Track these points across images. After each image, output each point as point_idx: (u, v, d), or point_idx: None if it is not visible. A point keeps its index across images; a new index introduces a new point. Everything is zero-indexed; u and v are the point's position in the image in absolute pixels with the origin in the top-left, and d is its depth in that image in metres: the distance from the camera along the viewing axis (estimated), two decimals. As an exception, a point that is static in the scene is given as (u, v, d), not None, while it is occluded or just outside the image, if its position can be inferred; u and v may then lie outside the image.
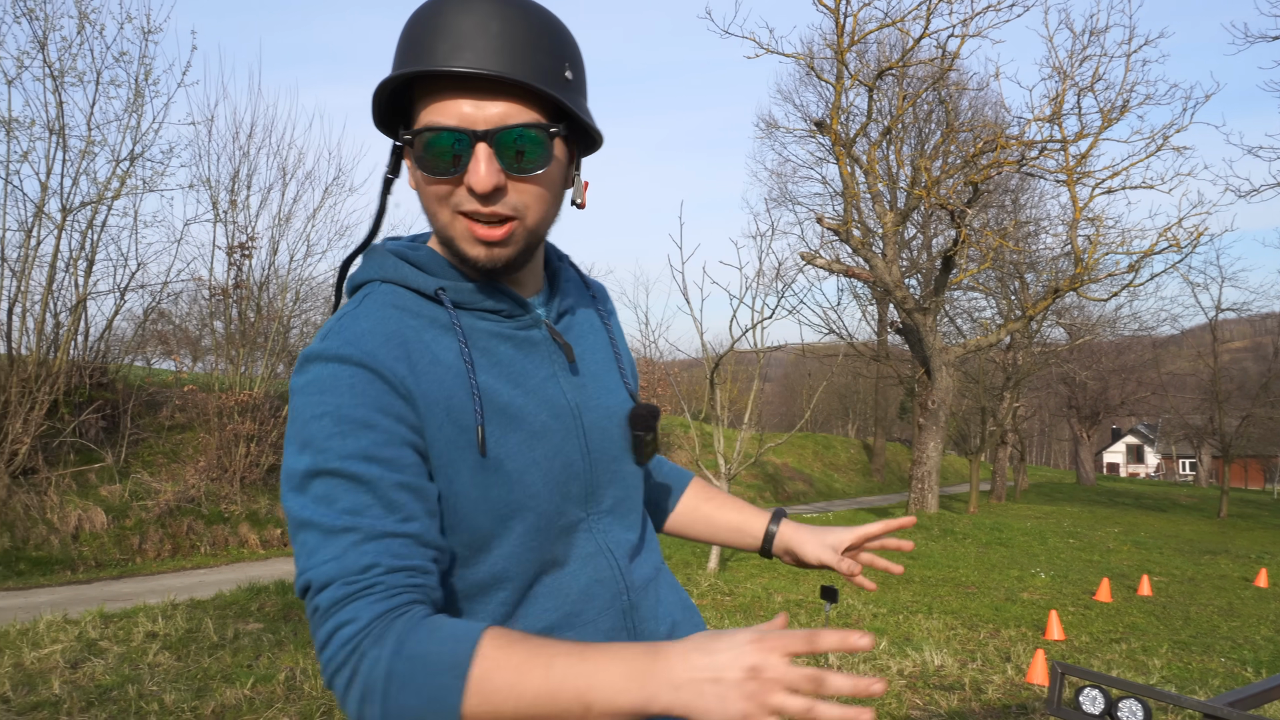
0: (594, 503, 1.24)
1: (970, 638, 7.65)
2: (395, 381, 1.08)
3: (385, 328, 1.12)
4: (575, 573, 1.21)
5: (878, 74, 18.30)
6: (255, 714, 4.86)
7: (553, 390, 1.21)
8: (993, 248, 18.89)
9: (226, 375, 14.92)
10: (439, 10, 1.09)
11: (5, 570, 10.32)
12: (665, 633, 1.30)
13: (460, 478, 1.11)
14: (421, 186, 1.14)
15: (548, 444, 1.18)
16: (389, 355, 1.10)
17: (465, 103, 1.08)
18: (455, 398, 1.12)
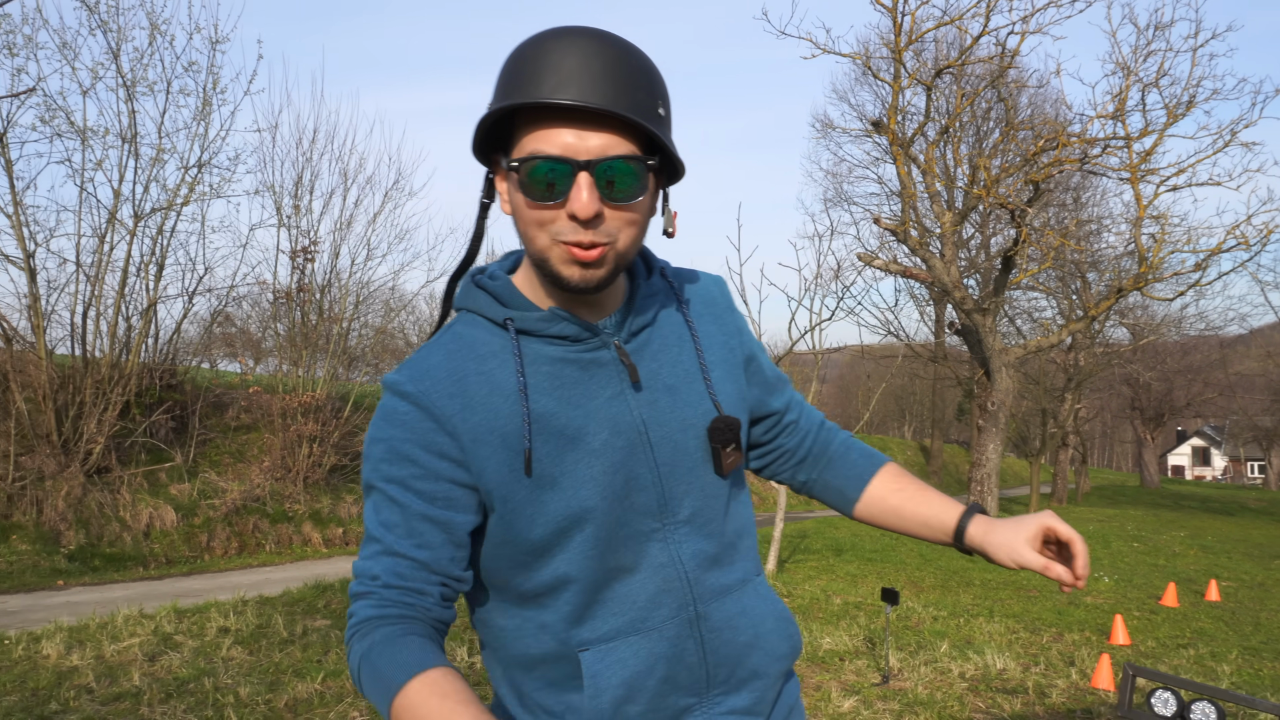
0: (669, 514, 1.30)
1: (1033, 642, 7.57)
2: (444, 419, 1.22)
3: (452, 362, 1.26)
4: (644, 581, 1.29)
5: (936, 73, 18.12)
6: (326, 708, 4.98)
7: (617, 409, 1.28)
8: (1054, 247, 18.60)
9: (290, 377, 15.22)
10: (544, 47, 1.16)
11: (82, 566, 10.64)
12: (744, 642, 1.35)
13: (516, 495, 1.23)
14: (520, 211, 1.20)
15: (607, 460, 1.25)
16: (445, 393, 1.23)
17: (568, 133, 1.15)
18: (511, 422, 1.23)
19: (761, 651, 1.37)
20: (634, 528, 1.28)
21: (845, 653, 6.61)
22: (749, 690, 1.37)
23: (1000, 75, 18.41)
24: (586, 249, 1.17)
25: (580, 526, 1.24)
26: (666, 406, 1.31)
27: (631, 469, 1.27)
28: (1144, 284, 17.56)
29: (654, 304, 1.36)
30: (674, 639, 1.29)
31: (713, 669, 1.32)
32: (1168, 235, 17.63)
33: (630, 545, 1.27)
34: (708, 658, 1.32)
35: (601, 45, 1.17)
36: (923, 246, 18.50)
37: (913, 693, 5.72)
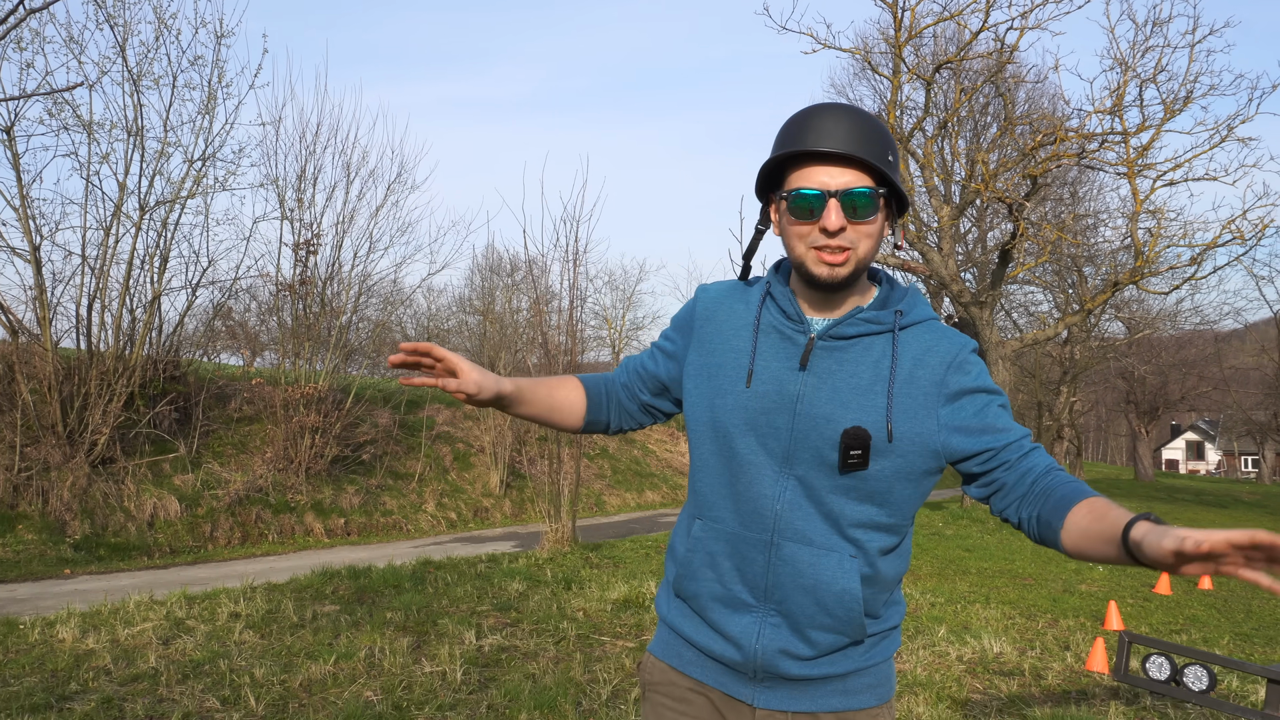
0: (787, 463, 1.71)
1: (1028, 627, 7.70)
2: (695, 319, 1.89)
3: (724, 292, 1.89)
4: (753, 498, 1.73)
5: (935, 68, 18.22)
6: (340, 688, 5.10)
7: (786, 375, 1.73)
8: (1050, 241, 18.72)
9: (293, 369, 15.31)
10: (807, 113, 1.69)
11: (88, 556, 10.74)
12: (804, 585, 1.69)
13: (700, 389, 1.82)
14: (787, 228, 1.71)
15: (760, 402, 1.73)
16: (706, 306, 1.88)
17: (823, 173, 1.65)
18: (726, 345, 1.82)
19: (814, 600, 1.69)
20: (760, 459, 1.72)
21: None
22: (801, 620, 1.70)
23: (999, 70, 18.50)
24: (833, 253, 1.65)
25: (721, 432, 1.75)
26: (824, 394, 1.70)
27: (774, 417, 1.71)
28: (1140, 278, 17.68)
29: (868, 328, 1.73)
30: (752, 545, 1.72)
31: (771, 587, 1.71)
32: (1164, 230, 17.75)
33: (752, 469, 1.72)
34: (770, 575, 1.71)
35: (850, 112, 1.67)
36: (920, 240, 18.61)
37: (912, 674, 5.84)
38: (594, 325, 36.19)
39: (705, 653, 1.79)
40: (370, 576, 8.49)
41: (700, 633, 1.79)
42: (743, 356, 1.77)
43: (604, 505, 18.58)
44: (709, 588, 1.76)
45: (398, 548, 12.12)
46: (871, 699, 1.77)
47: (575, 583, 8.60)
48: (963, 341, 1.75)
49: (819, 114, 1.66)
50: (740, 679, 1.75)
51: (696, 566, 1.77)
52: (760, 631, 1.71)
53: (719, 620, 1.75)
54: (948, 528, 15.90)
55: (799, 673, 1.71)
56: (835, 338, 1.73)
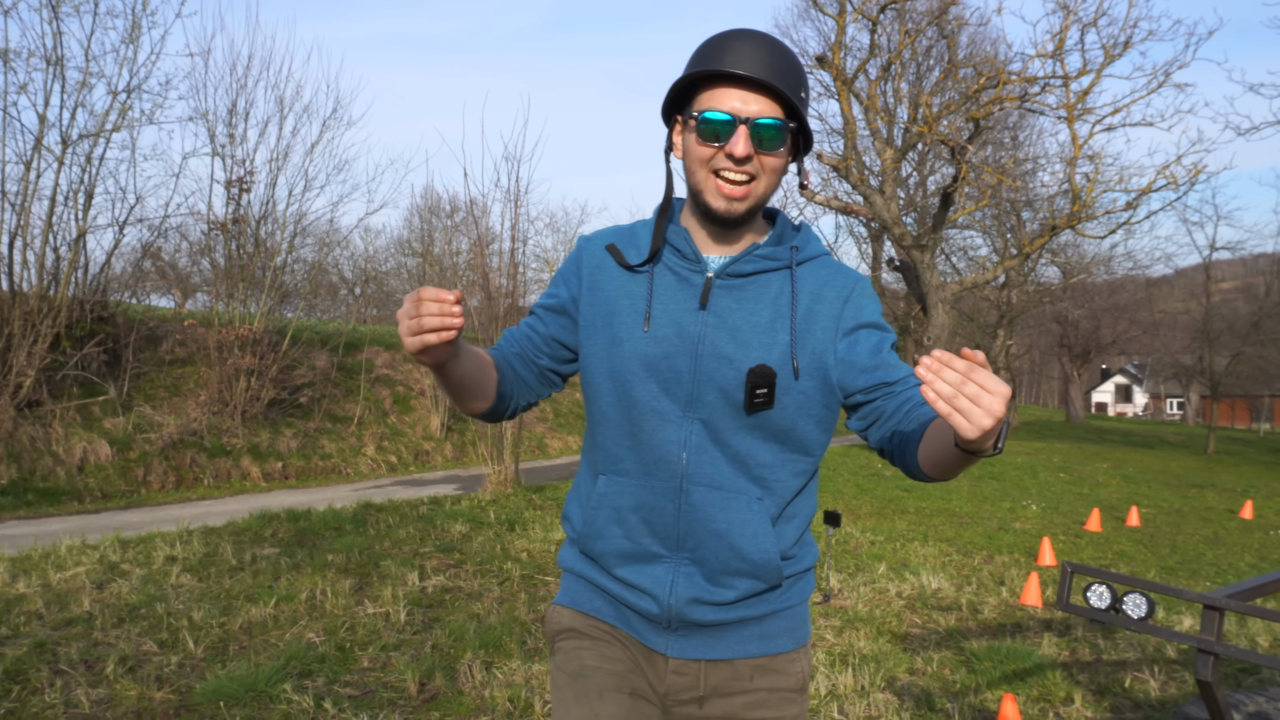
0: (690, 407, 1.65)
1: (965, 564, 7.86)
2: (583, 268, 1.78)
3: (612, 237, 1.80)
4: (657, 446, 1.67)
5: (880, 8, 18.13)
6: (281, 630, 5.03)
7: (685, 316, 1.67)
8: (991, 185, 18.89)
9: (226, 311, 14.96)
10: (727, 36, 1.63)
11: (15, 500, 10.46)
12: (716, 530, 1.65)
13: (597, 339, 1.72)
14: (691, 150, 1.64)
15: (661, 347, 1.66)
16: (593, 256, 1.78)
17: (735, 97, 1.59)
18: (619, 292, 1.73)
19: (727, 546, 1.64)
20: (664, 405, 1.65)
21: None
22: (715, 566, 1.66)
23: (943, 13, 18.48)
24: (734, 185, 1.61)
25: (621, 381, 1.68)
26: (724, 334, 1.65)
27: (675, 361, 1.65)
28: (1077, 222, 17.94)
29: (765, 265, 1.70)
30: (660, 495, 1.66)
31: (683, 535, 1.66)
32: (1101, 175, 17.99)
33: (655, 416, 1.66)
34: (680, 524, 1.66)
35: (768, 40, 1.62)
36: (863, 183, 18.66)
37: (853, 610, 5.93)
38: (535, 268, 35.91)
39: (620, 601, 1.73)
40: (310, 519, 8.38)
41: (613, 585, 1.73)
42: (638, 301, 1.71)
43: (546, 448, 18.56)
44: (617, 545, 1.70)
45: (337, 491, 11.99)
46: (789, 642, 1.74)
47: (519, 524, 8.58)
48: (857, 277, 1.74)
49: (737, 38, 1.61)
50: (655, 628, 1.70)
51: (601, 525, 1.71)
52: (674, 581, 1.66)
53: (630, 576, 1.70)
54: (887, 469, 16.15)
55: (714, 618, 1.67)
56: (733, 275, 1.68)
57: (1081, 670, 4.94)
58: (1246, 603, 2.21)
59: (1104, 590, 2.48)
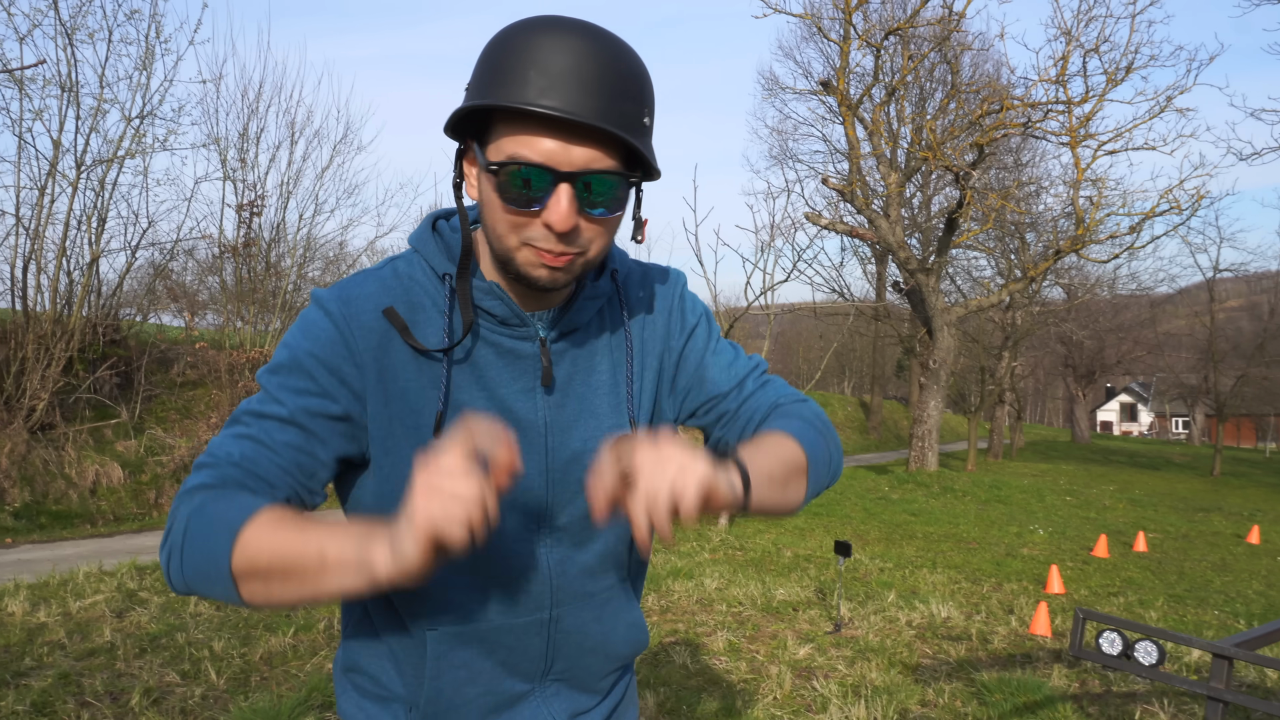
0: (547, 518, 1.27)
1: (974, 591, 7.92)
2: (356, 351, 1.17)
3: (382, 297, 1.21)
4: (508, 576, 1.27)
5: (885, 34, 18.30)
6: (301, 660, 5.10)
7: (524, 404, 1.24)
8: (995, 208, 19.01)
9: (238, 333, 15.08)
10: (534, 41, 1.09)
11: (29, 524, 10.55)
12: (590, 647, 1.35)
13: (400, 453, 1.19)
14: (494, 209, 1.14)
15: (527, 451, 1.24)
16: (366, 326, 1.18)
17: (551, 141, 1.09)
18: (421, 380, 1.19)
19: (603, 655, 1.38)
20: (511, 524, 1.24)
21: (798, 603, 6.87)
22: (588, 679, 1.39)
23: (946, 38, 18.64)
24: (557, 256, 1.13)
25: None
26: (573, 414, 1.27)
27: (526, 469, 1.23)
28: (1081, 246, 18.04)
29: (594, 307, 1.30)
30: (522, 634, 1.29)
31: (551, 663, 1.33)
32: (1104, 199, 18.10)
33: (503, 540, 1.23)
34: (550, 654, 1.32)
35: (594, 47, 1.10)
36: (868, 206, 18.79)
37: (864, 640, 5.99)
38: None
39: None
40: (323, 545, 8.45)
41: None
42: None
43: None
44: (476, 705, 1.30)
45: (348, 514, 12.06)
46: (635, 711, 1.53)
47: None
48: (675, 275, 1.43)
49: (550, 43, 1.09)
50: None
51: (452, 692, 1.28)
52: (543, 710, 1.34)
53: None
54: (894, 492, 16.21)
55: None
56: (568, 332, 1.28)
57: (1092, 703, 4.99)
58: (1254, 651, 2.28)
59: (1116, 637, 2.55)
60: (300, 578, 1.02)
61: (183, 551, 1.06)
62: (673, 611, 6.52)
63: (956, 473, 20.48)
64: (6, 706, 4.19)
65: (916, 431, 19.82)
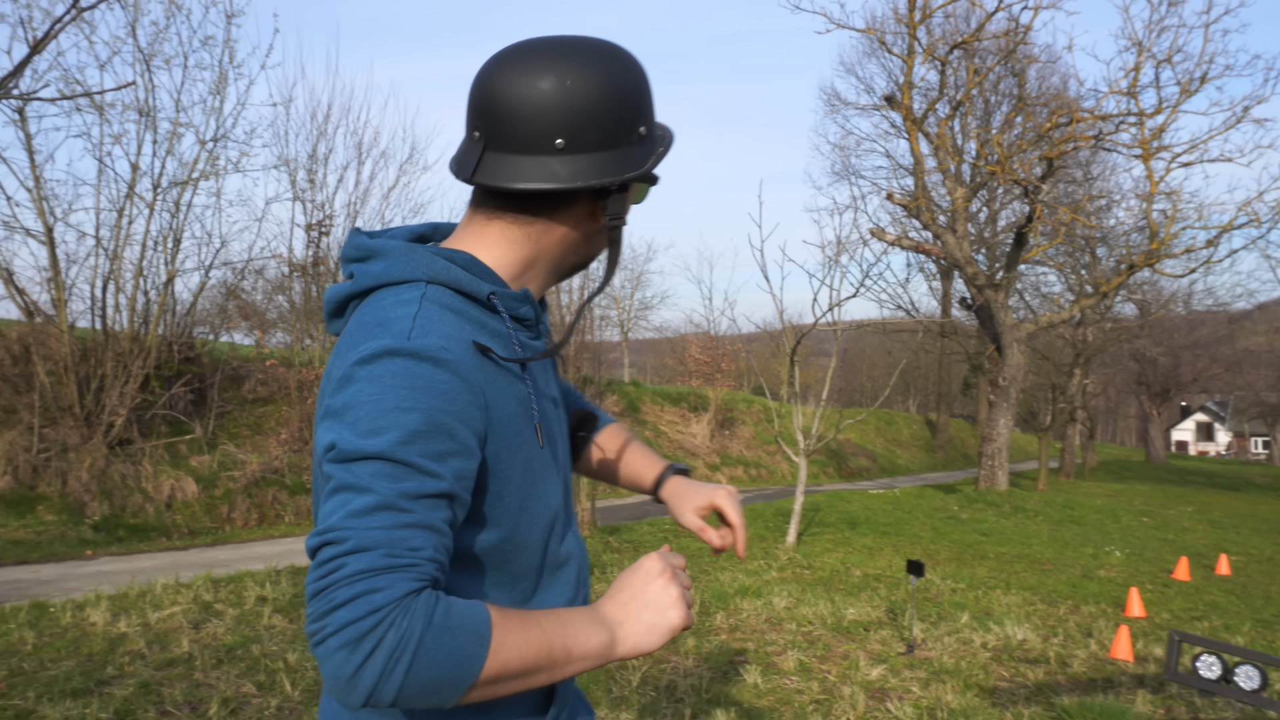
0: (567, 495, 1.36)
1: (1050, 613, 7.72)
2: (478, 391, 1.13)
3: (461, 332, 1.16)
4: (573, 562, 1.35)
5: (949, 48, 18.11)
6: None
7: (550, 393, 1.35)
8: (1065, 223, 18.65)
9: (307, 350, 15.34)
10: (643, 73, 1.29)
11: (107, 536, 10.81)
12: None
13: (513, 480, 1.20)
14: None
15: (562, 448, 1.34)
16: (472, 363, 1.14)
17: None
18: (516, 404, 1.20)
19: None
20: (568, 513, 1.35)
21: (869, 623, 6.76)
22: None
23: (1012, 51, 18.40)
24: None
25: (551, 504, 1.27)
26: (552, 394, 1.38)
27: (562, 455, 1.34)
28: (1155, 260, 17.62)
29: None
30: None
31: None
32: (1179, 212, 17.66)
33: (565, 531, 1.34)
34: None
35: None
36: (934, 222, 18.57)
37: (938, 661, 5.86)
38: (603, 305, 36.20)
39: None
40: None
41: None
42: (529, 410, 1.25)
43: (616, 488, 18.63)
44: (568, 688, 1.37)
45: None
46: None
47: (597, 566, 8.63)
48: None
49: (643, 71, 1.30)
50: None
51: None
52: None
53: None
54: (963, 511, 15.92)
55: None
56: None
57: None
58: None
59: (1214, 661, 2.45)
60: (542, 673, 1.09)
61: (410, 667, 0.98)
62: (741, 630, 6.46)
63: (1028, 492, 20.05)
64: (91, 714, 4.28)
65: (986, 450, 19.46)
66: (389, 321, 1.13)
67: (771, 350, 30.92)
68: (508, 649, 1.04)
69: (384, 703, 0.99)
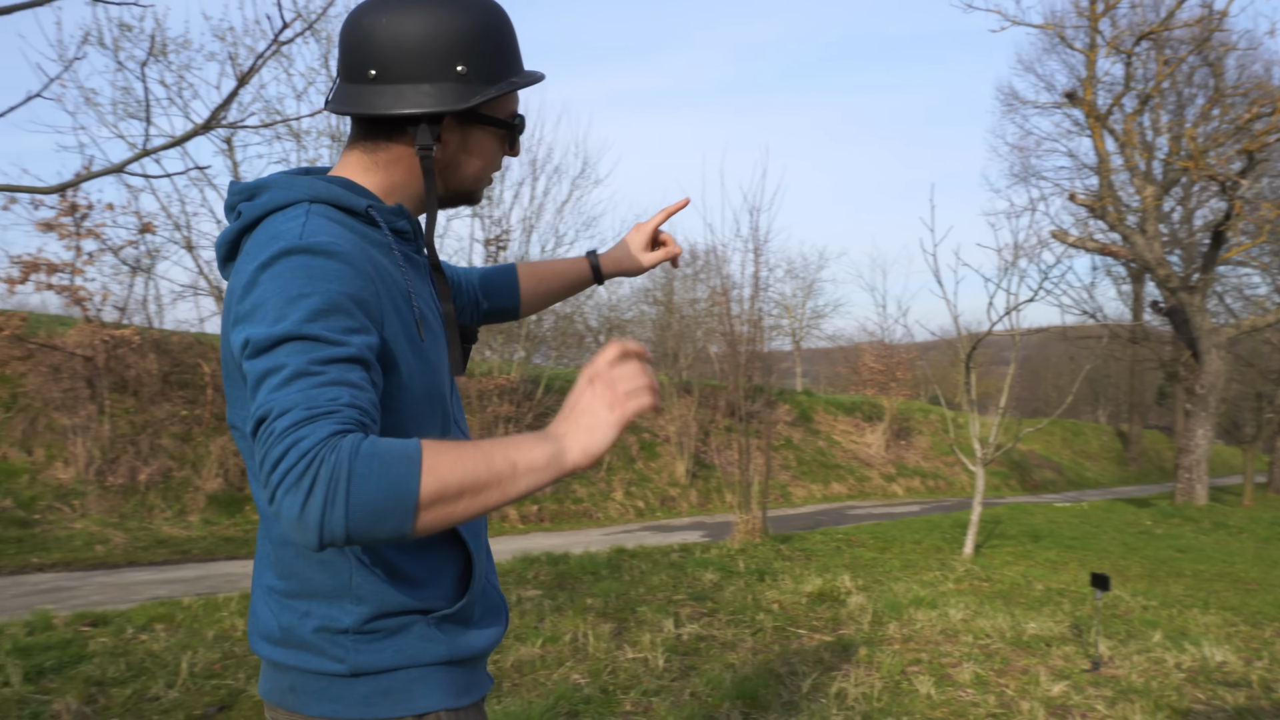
0: (451, 397, 1.48)
1: (1254, 635, 7.24)
2: (367, 279, 1.24)
3: (348, 233, 1.28)
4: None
5: (1136, 39, 17.24)
6: (549, 670, 5.33)
7: (433, 302, 1.47)
8: (1269, 220, 17.41)
9: (485, 361, 15.95)
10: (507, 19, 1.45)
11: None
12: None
13: (407, 366, 1.32)
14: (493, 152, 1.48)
15: (442, 344, 1.45)
16: (361, 256, 1.25)
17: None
18: (397, 299, 1.32)
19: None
20: (451, 407, 1.46)
21: (1051, 638, 6.52)
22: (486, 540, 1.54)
23: (1205, 39, 17.35)
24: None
25: (439, 396, 1.39)
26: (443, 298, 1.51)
27: (444, 355, 1.45)
28: (1375, 257, 16.25)
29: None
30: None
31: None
32: (1404, 204, 16.24)
33: (457, 418, 1.48)
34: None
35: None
36: (1121, 222, 17.69)
37: (1126, 680, 5.61)
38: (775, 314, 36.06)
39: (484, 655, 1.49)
40: (568, 563, 8.79)
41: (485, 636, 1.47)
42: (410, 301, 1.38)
43: (790, 497, 18.53)
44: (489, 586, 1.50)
45: (589, 535, 12.48)
46: None
47: (768, 574, 8.65)
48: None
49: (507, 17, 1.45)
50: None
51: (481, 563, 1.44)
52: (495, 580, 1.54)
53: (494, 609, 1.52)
54: (1157, 526, 15.08)
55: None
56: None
57: (1400, 762, 4.47)
58: None
59: None
60: (492, 489, 1.13)
61: (348, 494, 1.04)
62: (915, 641, 6.35)
63: (1230, 507, 18.76)
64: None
65: (1183, 462, 18.35)
66: (281, 233, 1.25)
67: (950, 359, 30.01)
68: (441, 466, 1.09)
69: (340, 538, 1.05)
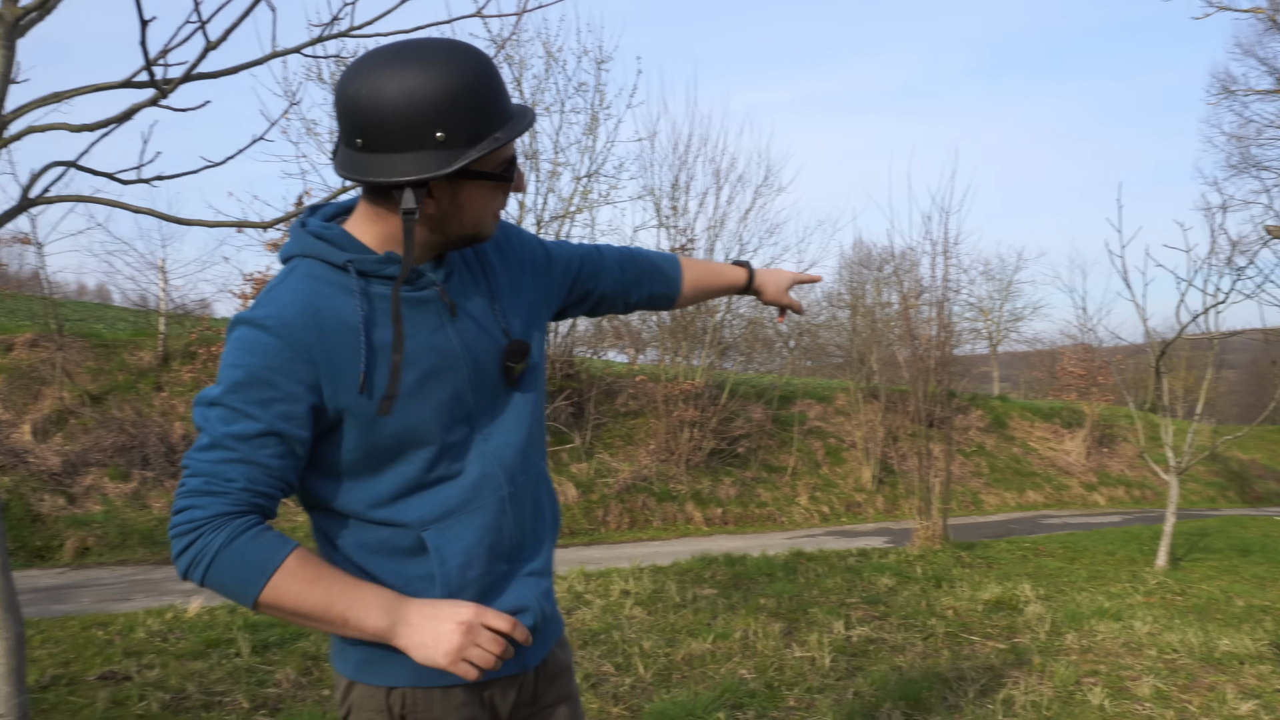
0: (476, 420, 1.58)
1: None
2: (300, 348, 1.40)
3: (302, 299, 1.44)
4: (469, 473, 1.57)
5: (1370, 12, 15.84)
6: (718, 664, 5.56)
7: (441, 338, 1.54)
8: None
9: (671, 366, 16.32)
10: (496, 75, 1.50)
11: (502, 533, 12.19)
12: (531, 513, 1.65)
13: (367, 411, 1.46)
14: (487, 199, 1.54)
15: (438, 381, 1.53)
16: (301, 325, 1.41)
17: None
18: (358, 351, 1.45)
19: (542, 519, 1.69)
20: (457, 434, 1.55)
21: (1246, 656, 6.22)
22: (539, 554, 1.67)
23: None
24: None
25: (418, 437, 1.50)
26: (475, 333, 1.58)
27: (455, 387, 1.55)
28: None
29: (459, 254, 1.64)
30: (495, 514, 1.57)
31: (522, 536, 1.63)
32: None
33: (456, 449, 1.56)
34: (519, 527, 1.62)
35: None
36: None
37: (1325, 701, 5.31)
38: (969, 317, 34.92)
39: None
40: (745, 564, 8.99)
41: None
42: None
43: (981, 504, 18.02)
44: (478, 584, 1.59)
45: (771, 538, 12.61)
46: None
47: (945, 581, 8.57)
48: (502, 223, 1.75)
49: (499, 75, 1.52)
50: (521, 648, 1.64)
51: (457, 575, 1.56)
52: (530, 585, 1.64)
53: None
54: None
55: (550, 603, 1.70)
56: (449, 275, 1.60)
57: None
58: None
59: None
60: (321, 624, 1.41)
61: (207, 570, 1.36)
62: (1094, 652, 6.20)
63: None
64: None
65: None
66: (261, 294, 1.50)
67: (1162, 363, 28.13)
68: (284, 591, 1.37)
69: (197, 585, 1.39)
